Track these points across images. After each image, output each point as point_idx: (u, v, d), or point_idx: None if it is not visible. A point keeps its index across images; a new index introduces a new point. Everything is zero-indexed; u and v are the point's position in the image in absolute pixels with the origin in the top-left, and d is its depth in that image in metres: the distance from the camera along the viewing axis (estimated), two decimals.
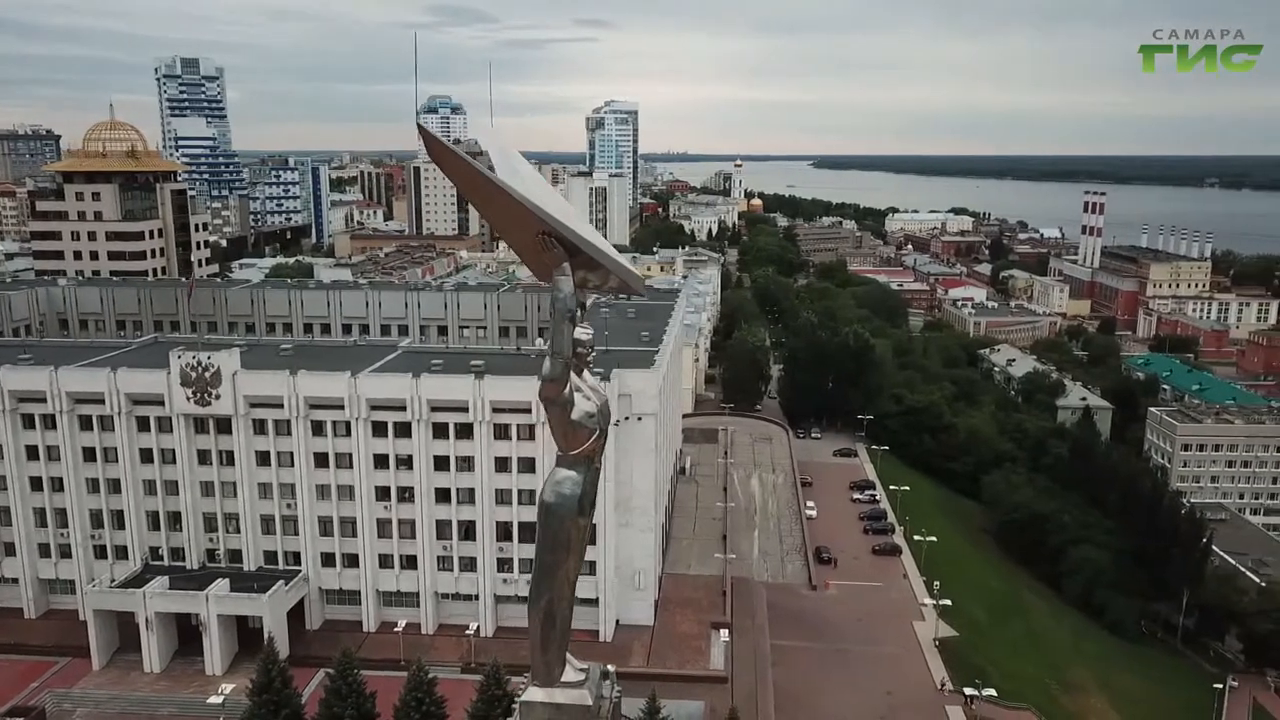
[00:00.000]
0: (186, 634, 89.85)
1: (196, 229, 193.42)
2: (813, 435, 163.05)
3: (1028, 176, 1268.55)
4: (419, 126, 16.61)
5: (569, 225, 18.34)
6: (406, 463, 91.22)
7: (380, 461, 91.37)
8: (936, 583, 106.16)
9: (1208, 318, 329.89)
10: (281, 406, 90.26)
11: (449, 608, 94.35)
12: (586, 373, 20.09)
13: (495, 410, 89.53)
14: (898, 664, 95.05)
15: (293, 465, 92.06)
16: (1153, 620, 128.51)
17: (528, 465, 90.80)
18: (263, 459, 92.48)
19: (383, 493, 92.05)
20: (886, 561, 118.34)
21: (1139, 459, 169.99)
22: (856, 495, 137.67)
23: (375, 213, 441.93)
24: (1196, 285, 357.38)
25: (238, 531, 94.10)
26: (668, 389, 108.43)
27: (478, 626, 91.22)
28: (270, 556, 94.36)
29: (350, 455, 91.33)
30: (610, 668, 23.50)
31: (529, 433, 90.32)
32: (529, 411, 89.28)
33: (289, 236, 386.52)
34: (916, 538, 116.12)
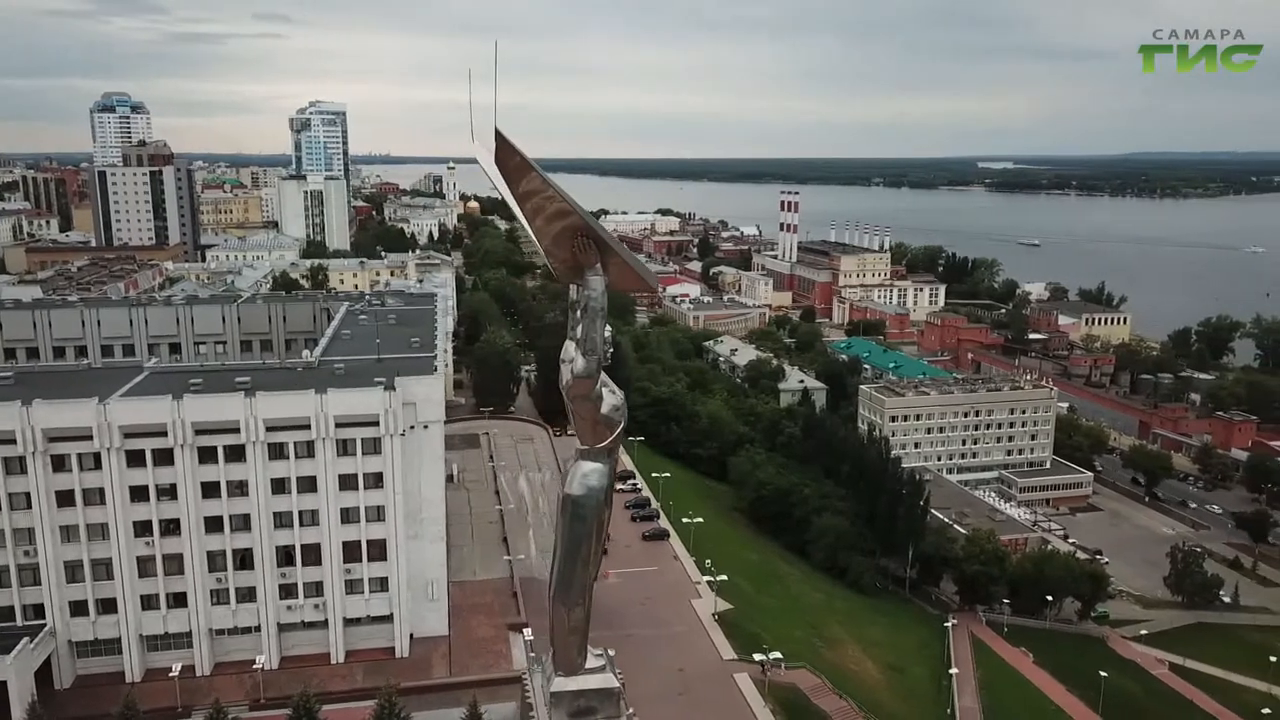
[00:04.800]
0: None
1: None
2: (569, 433, 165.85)
3: (722, 178, 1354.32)
4: (497, 132, 16.68)
5: (603, 228, 19.12)
6: (170, 492, 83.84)
7: (138, 494, 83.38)
8: (709, 561, 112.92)
9: (891, 303, 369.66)
10: (13, 442, 79.90)
11: (227, 644, 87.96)
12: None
13: (270, 429, 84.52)
14: (684, 641, 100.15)
15: (29, 507, 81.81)
16: (884, 574, 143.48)
17: (308, 485, 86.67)
18: None
19: (143, 527, 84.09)
20: (657, 546, 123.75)
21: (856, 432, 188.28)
22: (620, 486, 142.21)
23: (50, 222, 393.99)
24: (879, 275, 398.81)
25: None
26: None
27: (263, 660, 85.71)
28: (5, 612, 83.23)
29: (101, 490, 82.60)
30: (611, 651, 24.39)
31: (307, 450, 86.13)
32: (307, 428, 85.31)
33: None
34: (685, 520, 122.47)
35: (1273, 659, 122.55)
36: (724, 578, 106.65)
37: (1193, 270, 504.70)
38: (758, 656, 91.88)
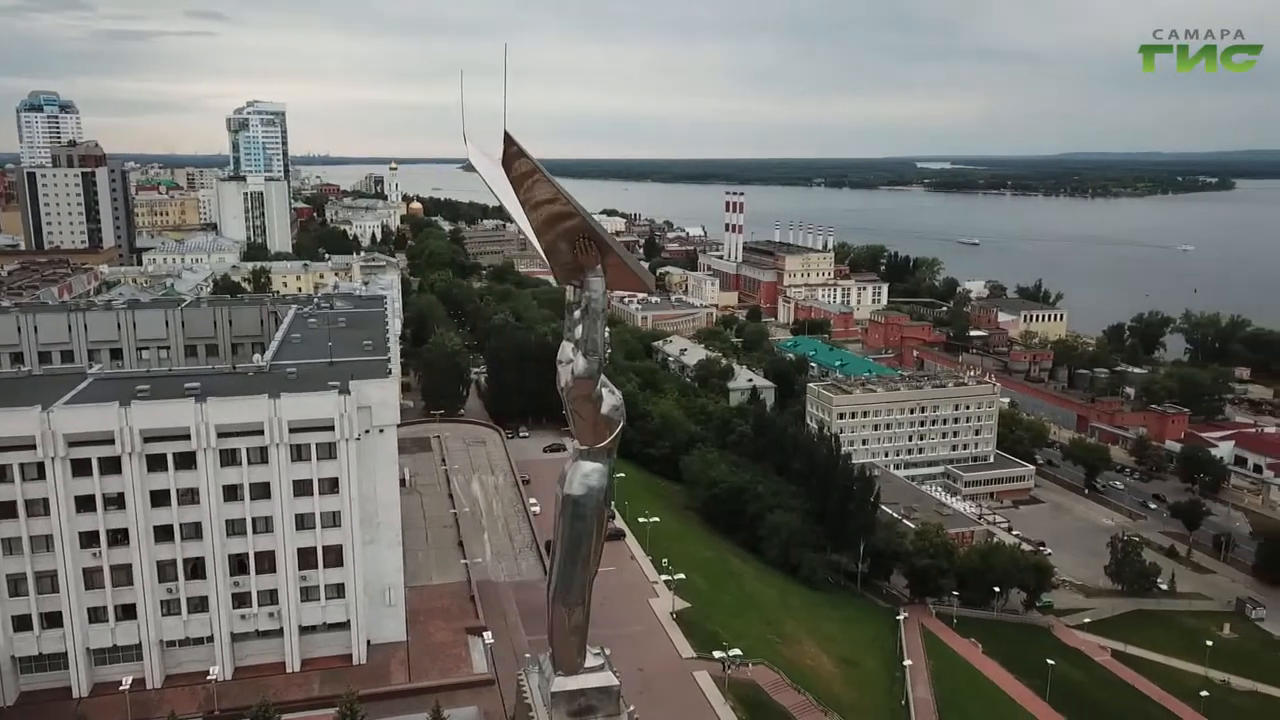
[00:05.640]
0: None
1: None
2: (520, 435, 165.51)
3: (667, 179, 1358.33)
4: (507, 135, 16.74)
5: (604, 229, 19.27)
6: (117, 502, 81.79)
7: (84, 504, 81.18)
8: (665, 560, 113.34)
9: (835, 302, 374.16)
10: None
11: (178, 655, 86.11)
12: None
13: (221, 435, 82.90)
14: (643, 640, 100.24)
15: None
16: (836, 570, 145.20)
17: (261, 491, 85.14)
18: None
19: (89, 538, 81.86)
20: (613, 546, 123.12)
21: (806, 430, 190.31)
22: None
23: None
24: (823, 274, 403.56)
25: None
26: None
27: (217, 671, 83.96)
28: None
29: (45, 500, 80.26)
30: (607, 650, 24.49)
31: (260, 456, 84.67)
32: (260, 434, 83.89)
33: None
34: (641, 520, 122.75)
35: (1208, 643, 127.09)
36: (681, 576, 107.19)
37: (1125, 268, 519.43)
38: (717, 654, 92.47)
